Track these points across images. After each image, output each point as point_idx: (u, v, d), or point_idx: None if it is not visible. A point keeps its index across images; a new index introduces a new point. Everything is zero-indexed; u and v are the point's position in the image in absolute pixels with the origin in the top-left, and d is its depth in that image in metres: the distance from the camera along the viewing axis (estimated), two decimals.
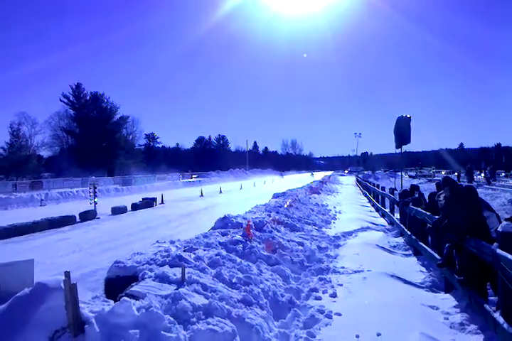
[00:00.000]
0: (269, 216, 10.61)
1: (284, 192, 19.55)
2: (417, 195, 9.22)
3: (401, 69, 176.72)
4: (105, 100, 64.47)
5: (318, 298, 5.67)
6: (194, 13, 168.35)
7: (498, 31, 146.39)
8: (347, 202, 21.05)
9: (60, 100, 62.13)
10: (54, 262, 8.45)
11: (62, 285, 3.25)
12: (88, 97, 63.64)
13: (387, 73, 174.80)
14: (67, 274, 3.26)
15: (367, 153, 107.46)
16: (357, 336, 4.31)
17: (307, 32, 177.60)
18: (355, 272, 6.95)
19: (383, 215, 15.30)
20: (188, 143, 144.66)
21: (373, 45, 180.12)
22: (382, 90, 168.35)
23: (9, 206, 22.09)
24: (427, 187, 21.54)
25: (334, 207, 17.33)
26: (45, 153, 61.36)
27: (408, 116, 18.81)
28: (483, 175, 44.65)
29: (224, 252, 6.40)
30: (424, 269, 7.38)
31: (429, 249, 7.37)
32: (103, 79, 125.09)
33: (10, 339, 3.05)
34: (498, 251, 3.97)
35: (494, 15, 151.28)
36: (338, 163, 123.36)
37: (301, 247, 8.23)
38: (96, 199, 17.26)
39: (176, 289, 4.29)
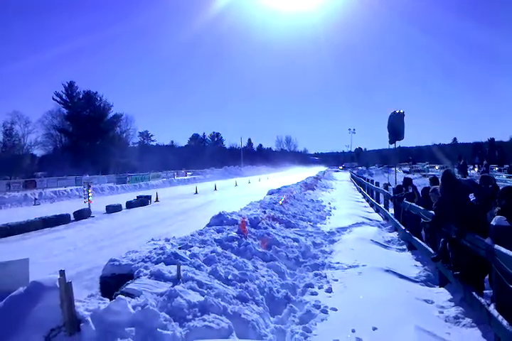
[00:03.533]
0: (264, 212, 10.62)
1: (279, 189, 19.56)
2: (410, 190, 9.25)
3: (394, 65, 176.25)
4: (98, 98, 64.49)
5: (314, 294, 5.70)
6: (188, 10, 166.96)
7: (488, 29, 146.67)
8: (341, 197, 21.11)
9: (53, 99, 61.97)
10: (49, 261, 8.42)
11: (57, 284, 3.25)
12: (81, 96, 63.52)
13: (380, 69, 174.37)
14: (62, 273, 3.26)
15: (361, 148, 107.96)
16: (353, 330, 4.33)
17: (301, 29, 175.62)
18: (350, 267, 6.98)
19: (378, 210, 15.35)
20: (182, 140, 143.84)
21: (367, 41, 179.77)
22: (376, 86, 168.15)
23: (3, 205, 21.96)
24: (421, 182, 21.62)
25: (329, 203, 17.37)
26: (38, 152, 61.14)
27: (401, 111, 18.78)
28: (476, 169, 44.94)
29: (219, 249, 6.41)
30: (418, 263, 7.42)
31: (423, 244, 7.41)
32: (96, 77, 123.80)
33: (5, 339, 3.05)
34: (492, 245, 4.00)
35: (482, 13, 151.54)
36: (332, 159, 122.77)
37: (296, 243, 8.25)
38: (90, 198, 17.19)
39: (172, 286, 4.29)
